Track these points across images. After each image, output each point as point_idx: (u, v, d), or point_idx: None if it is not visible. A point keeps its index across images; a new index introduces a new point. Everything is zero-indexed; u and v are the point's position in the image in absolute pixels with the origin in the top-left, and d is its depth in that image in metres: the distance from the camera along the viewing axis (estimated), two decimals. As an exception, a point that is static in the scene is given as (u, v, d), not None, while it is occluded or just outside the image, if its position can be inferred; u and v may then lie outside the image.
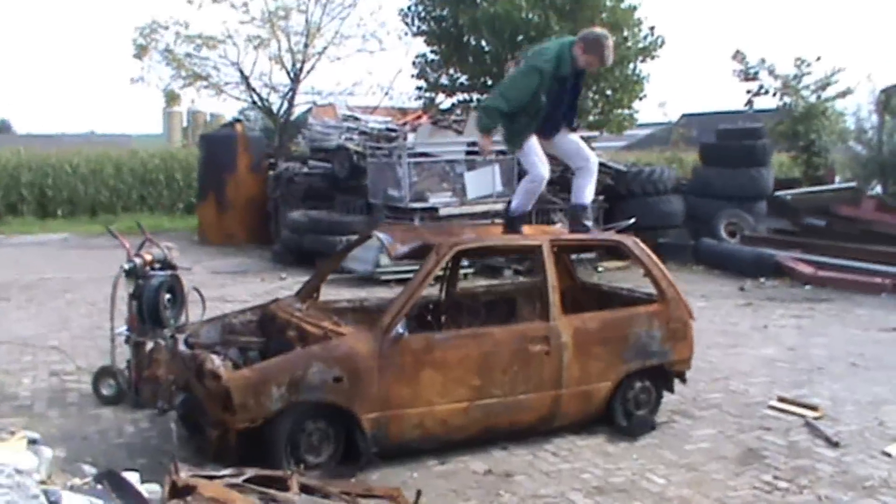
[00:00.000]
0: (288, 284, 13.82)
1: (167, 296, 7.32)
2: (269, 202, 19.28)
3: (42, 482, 3.74)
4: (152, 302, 7.22)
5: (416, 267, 12.62)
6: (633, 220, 14.06)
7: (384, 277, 13.35)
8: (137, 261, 7.34)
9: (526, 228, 7.25)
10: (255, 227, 19.44)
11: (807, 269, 13.80)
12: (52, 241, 20.88)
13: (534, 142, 7.09)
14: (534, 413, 6.39)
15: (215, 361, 5.73)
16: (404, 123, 18.00)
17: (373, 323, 6.10)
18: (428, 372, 5.90)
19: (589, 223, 7.26)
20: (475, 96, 24.04)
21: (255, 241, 19.09)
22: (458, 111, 19.59)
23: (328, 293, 9.19)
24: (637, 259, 7.06)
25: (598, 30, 7.18)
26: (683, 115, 49.03)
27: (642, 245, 7.13)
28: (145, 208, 26.66)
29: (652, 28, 23.25)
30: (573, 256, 8.43)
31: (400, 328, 5.86)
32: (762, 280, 13.96)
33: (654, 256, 7.11)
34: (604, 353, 6.57)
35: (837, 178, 18.44)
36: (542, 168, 7.11)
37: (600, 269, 15.08)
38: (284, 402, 5.52)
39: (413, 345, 5.91)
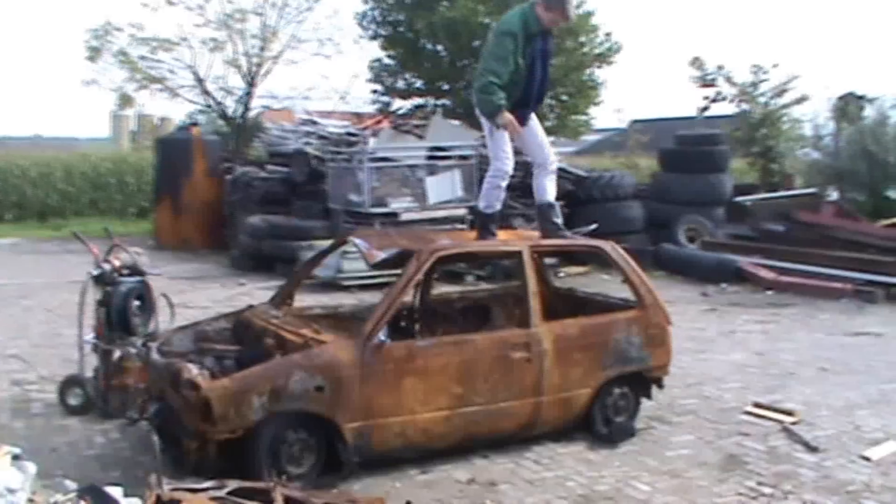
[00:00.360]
0: (248, 290, 13.66)
1: (136, 302, 7.13)
2: (225, 206, 19.03)
3: (30, 499, 3.59)
4: (121, 309, 7.03)
5: (377, 273, 12.85)
6: (595, 226, 14.14)
7: (346, 283, 13.19)
8: (106, 266, 7.13)
9: (503, 233, 7.18)
10: (211, 231, 19.13)
11: (768, 275, 13.88)
12: (2, 246, 20.45)
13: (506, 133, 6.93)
14: (515, 420, 6.32)
15: (192, 370, 5.58)
16: (365, 128, 17.89)
17: (353, 330, 5.99)
18: (410, 380, 5.81)
19: (559, 220, 7.18)
20: (431, 100, 24.06)
21: (211, 246, 18.79)
22: (420, 116, 19.55)
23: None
24: (616, 264, 7.03)
25: None
26: (633, 121, 49.45)
27: (620, 250, 7.10)
28: (96, 212, 26.14)
29: (608, 34, 23.46)
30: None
31: (382, 336, 5.77)
32: (724, 285, 14.02)
33: (632, 262, 7.08)
34: (584, 359, 6.52)
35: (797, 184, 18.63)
36: (507, 162, 6.98)
37: (561, 274, 15.05)
38: (265, 412, 5.39)
39: (395, 353, 5.81)
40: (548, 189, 7.15)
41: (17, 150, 33.87)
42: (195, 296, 12.94)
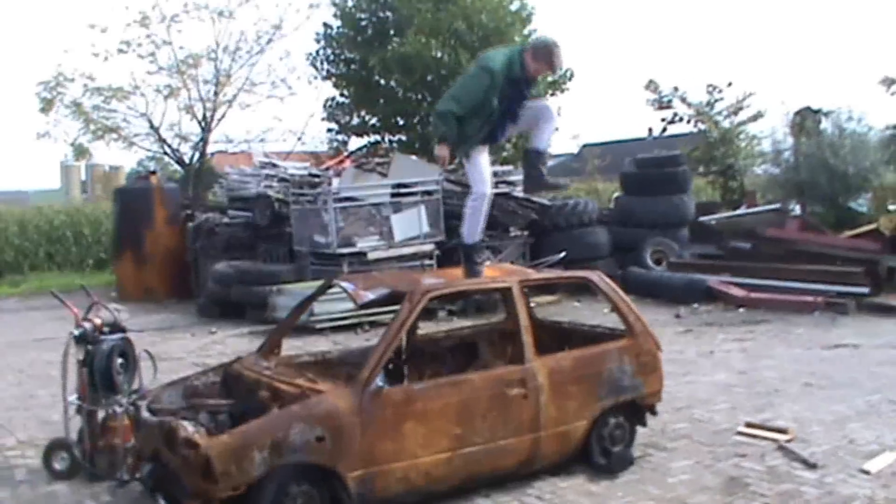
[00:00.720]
0: (220, 338, 13.52)
1: (119, 360, 6.97)
2: (188, 254, 18.85)
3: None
4: (104, 368, 6.84)
5: (349, 314, 12.75)
6: (563, 254, 14.16)
7: (319, 326, 13.07)
8: (87, 325, 6.98)
9: (487, 269, 7.13)
10: (174, 280, 18.95)
11: (739, 293, 13.98)
12: (-40, 306, 20.09)
13: (483, 156, 6.98)
14: (514, 457, 6.25)
15: (189, 428, 5.46)
16: (327, 168, 17.83)
17: (347, 377, 5.91)
18: (410, 424, 5.73)
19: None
20: (387, 137, 24.06)
21: (176, 295, 18.60)
22: (380, 153, 19.53)
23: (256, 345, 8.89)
24: (603, 293, 7.02)
25: (548, 37, 7.11)
26: (584, 145, 49.75)
27: (607, 280, 7.09)
28: (53, 266, 25.80)
29: (560, 61, 23.56)
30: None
31: (379, 381, 5.70)
32: (696, 305, 14.10)
33: (619, 291, 7.08)
34: (579, 391, 6.49)
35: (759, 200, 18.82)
36: (485, 185, 6.95)
37: (532, 304, 15.01)
38: (267, 467, 5.28)
39: (394, 397, 5.73)
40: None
41: (-36, 205, 33.46)
42: (167, 347, 12.74)
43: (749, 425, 7.55)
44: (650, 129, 47.05)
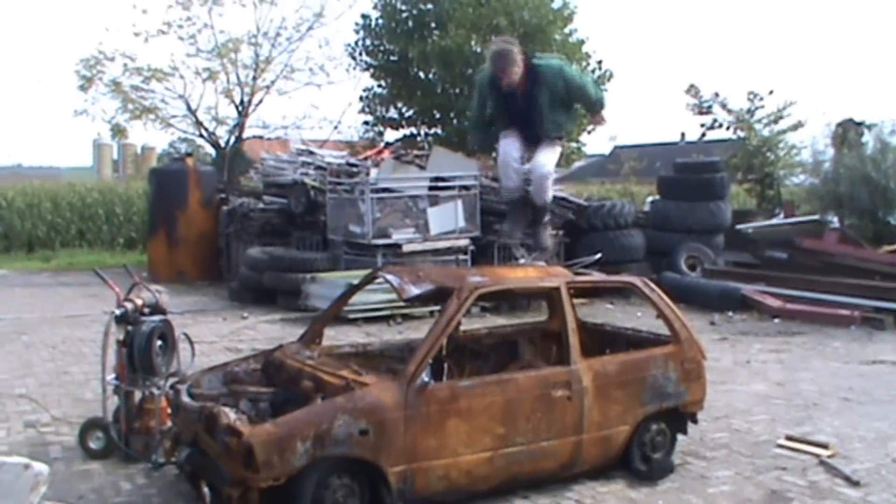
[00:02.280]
0: (251, 324, 13.50)
1: (159, 342, 6.95)
2: (220, 238, 18.87)
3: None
4: (144, 349, 6.83)
5: (382, 305, 12.70)
6: (599, 255, 14.00)
7: (352, 316, 13.01)
8: (128, 306, 6.95)
9: (532, 270, 7.07)
10: (206, 263, 18.99)
11: (775, 303, 13.83)
12: (-9, 277, 20.24)
13: (506, 153, 7.74)
14: (555, 460, 6.18)
15: (231, 415, 5.41)
16: (366, 158, 17.79)
17: (390, 370, 5.85)
18: (453, 421, 5.66)
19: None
20: (423, 129, 24.01)
21: (207, 278, 18.65)
22: (419, 146, 19.49)
23: (295, 333, 8.87)
24: (649, 299, 6.93)
25: (494, 42, 7.70)
26: (617, 147, 49.58)
27: (653, 286, 7.01)
28: (84, 243, 25.95)
29: (600, 62, 23.52)
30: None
31: (425, 376, 5.63)
32: (730, 314, 13.97)
33: (665, 297, 6.98)
34: (623, 396, 6.40)
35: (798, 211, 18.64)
36: (505, 181, 7.87)
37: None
38: (309, 458, 5.22)
39: (438, 393, 5.67)
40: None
41: (-1, 179, 33.70)
42: (199, 330, 12.71)
43: (789, 438, 7.44)
44: (683, 134, 47.11)
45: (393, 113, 24.15)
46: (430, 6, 23.10)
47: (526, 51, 7.65)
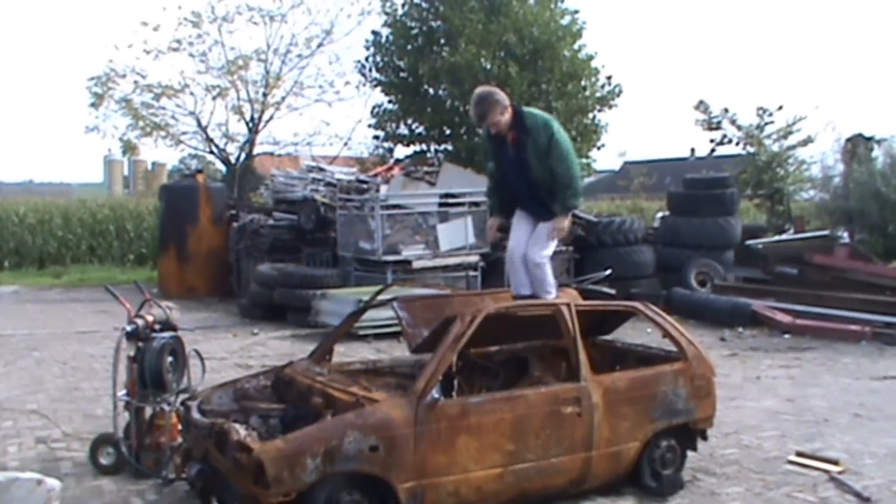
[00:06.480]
0: (261, 340, 13.54)
1: (169, 359, 6.98)
2: (231, 254, 18.93)
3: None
4: (155, 365, 6.87)
5: (392, 322, 12.69)
6: (609, 272, 14.05)
7: (362, 332, 13.01)
8: (139, 322, 6.98)
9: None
10: (216, 279, 19.04)
11: (785, 318, 13.81)
12: (2, 294, 20.30)
13: (512, 247, 7.28)
14: (565, 476, 6.18)
15: (241, 431, 5.44)
16: (375, 175, 17.84)
17: (404, 387, 5.86)
18: (463, 437, 5.68)
19: None
20: (433, 146, 24.04)
21: (217, 295, 18.70)
22: (429, 163, 19.53)
23: (305, 349, 8.88)
24: (653, 321, 6.96)
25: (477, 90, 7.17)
26: (626, 163, 49.65)
27: (655, 308, 7.05)
28: (95, 259, 26.08)
29: (609, 77, 23.52)
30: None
31: (435, 393, 5.65)
32: (740, 330, 13.95)
33: (667, 317, 7.02)
34: (632, 412, 6.41)
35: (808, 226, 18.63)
36: (513, 275, 7.37)
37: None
38: (319, 474, 5.24)
39: (448, 410, 5.68)
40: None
41: (9, 195, 33.84)
42: (209, 346, 12.74)
43: (800, 454, 7.43)
44: (692, 150, 47.12)
45: (403, 129, 24.17)
46: (439, 23, 23.15)
47: (514, 102, 7.30)
